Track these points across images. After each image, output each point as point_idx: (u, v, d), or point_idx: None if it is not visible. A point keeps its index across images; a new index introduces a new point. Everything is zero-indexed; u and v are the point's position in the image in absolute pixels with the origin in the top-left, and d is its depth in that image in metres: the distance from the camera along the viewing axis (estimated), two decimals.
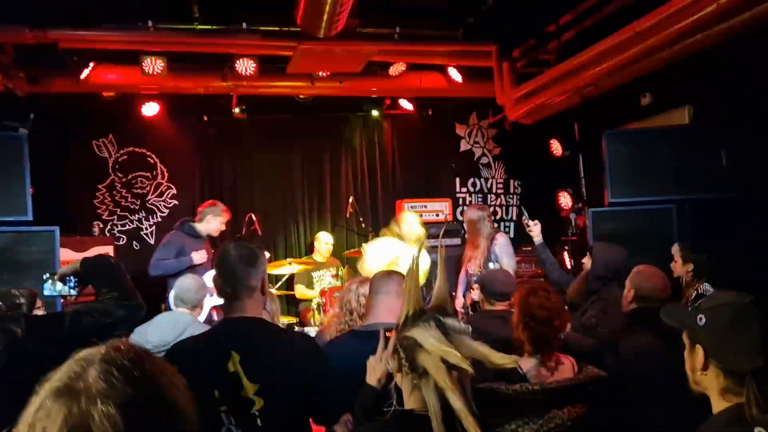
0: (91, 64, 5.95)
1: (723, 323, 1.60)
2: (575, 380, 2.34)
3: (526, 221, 4.63)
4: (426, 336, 1.45)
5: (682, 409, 1.91)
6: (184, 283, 3.82)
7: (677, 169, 5.13)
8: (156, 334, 3.41)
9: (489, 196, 8.38)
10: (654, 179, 5.17)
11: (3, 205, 4.54)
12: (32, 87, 5.83)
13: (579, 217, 6.70)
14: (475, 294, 5.01)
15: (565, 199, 6.61)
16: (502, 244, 5.07)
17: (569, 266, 6.36)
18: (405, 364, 1.50)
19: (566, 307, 3.54)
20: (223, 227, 5.56)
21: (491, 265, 4.92)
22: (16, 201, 4.55)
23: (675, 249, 4.47)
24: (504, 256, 4.97)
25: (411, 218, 5.72)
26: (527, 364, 2.51)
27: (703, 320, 1.62)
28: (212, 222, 5.42)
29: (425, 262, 4.99)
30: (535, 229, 4.61)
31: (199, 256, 5.22)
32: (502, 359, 1.46)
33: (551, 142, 7.10)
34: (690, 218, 5.00)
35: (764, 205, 4.64)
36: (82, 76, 5.93)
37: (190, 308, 3.75)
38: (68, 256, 5.62)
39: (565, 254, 6.67)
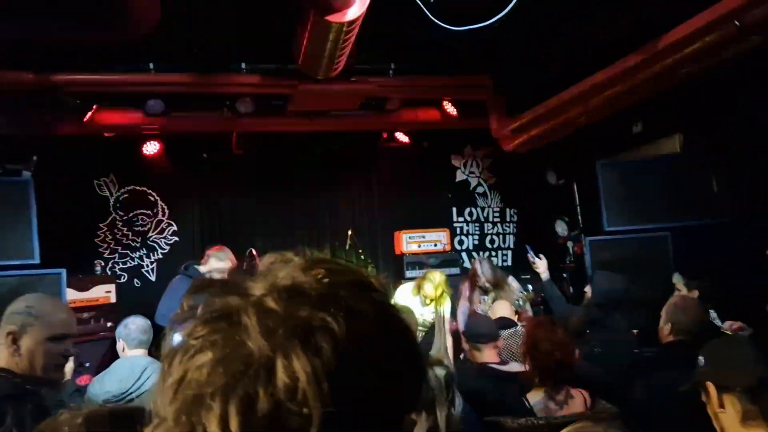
0: (94, 107, 6.04)
1: (719, 352, 1.74)
2: (583, 415, 2.38)
3: (531, 259, 4.60)
4: None
5: None
6: (139, 323, 3.53)
7: (670, 196, 5.24)
8: (114, 382, 3.22)
9: (486, 225, 8.46)
10: (648, 207, 5.27)
11: (10, 248, 4.58)
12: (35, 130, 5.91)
13: (576, 245, 6.78)
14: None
15: (561, 227, 6.69)
16: (515, 288, 5.10)
17: (569, 294, 6.42)
18: None
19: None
20: (225, 274, 5.59)
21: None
22: (23, 245, 4.60)
23: (677, 278, 4.48)
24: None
25: (436, 278, 5.70)
26: (535, 397, 2.55)
27: (702, 360, 1.73)
28: (214, 265, 5.47)
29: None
30: (541, 266, 4.53)
31: None
32: None
33: (546, 171, 7.22)
34: (686, 244, 5.09)
35: (759, 222, 4.67)
36: (85, 118, 6.00)
37: (146, 348, 3.49)
38: (71, 296, 5.62)
39: (564, 282, 6.74)
